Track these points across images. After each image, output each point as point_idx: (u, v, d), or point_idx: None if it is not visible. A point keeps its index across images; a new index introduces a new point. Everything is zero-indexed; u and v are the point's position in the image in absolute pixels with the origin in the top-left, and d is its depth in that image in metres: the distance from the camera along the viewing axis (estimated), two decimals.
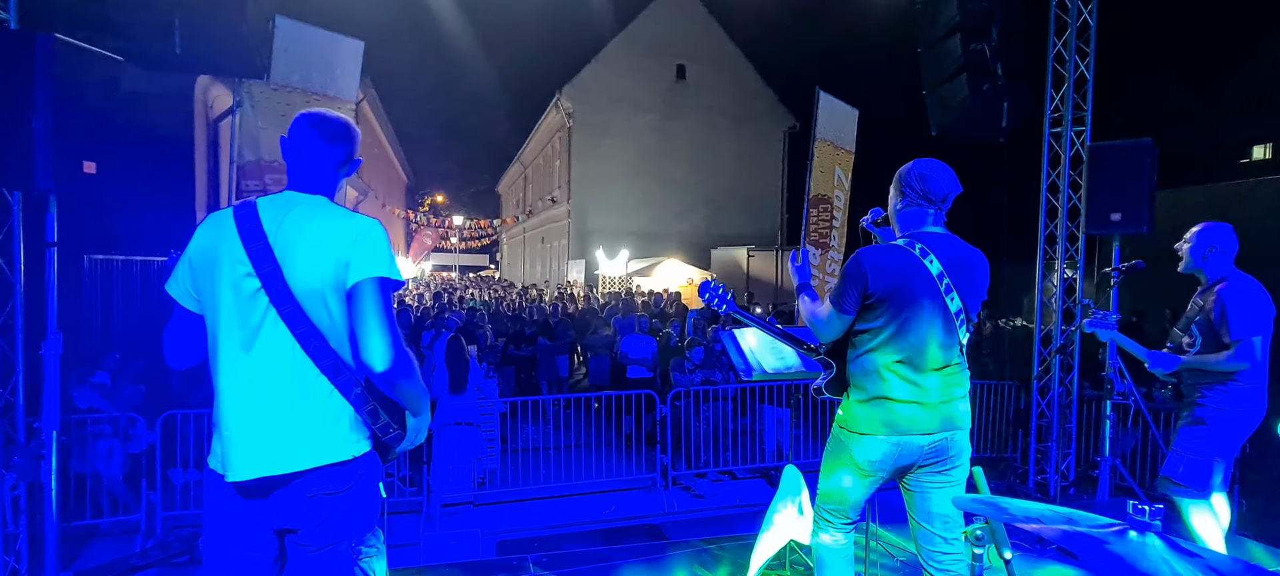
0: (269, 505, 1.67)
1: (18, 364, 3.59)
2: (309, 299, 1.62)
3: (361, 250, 1.63)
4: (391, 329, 1.62)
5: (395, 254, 1.74)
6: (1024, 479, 5.76)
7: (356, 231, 1.66)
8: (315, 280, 1.62)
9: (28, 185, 3.18)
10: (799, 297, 2.57)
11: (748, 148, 22.96)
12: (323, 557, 1.68)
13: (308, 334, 1.62)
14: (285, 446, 1.63)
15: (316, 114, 1.78)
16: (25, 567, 3.65)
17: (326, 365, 1.63)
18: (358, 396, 1.66)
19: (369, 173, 22.74)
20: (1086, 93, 5.42)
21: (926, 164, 2.37)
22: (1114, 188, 4.98)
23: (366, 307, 1.61)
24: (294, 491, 1.65)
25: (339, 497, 1.68)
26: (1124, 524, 1.05)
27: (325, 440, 1.65)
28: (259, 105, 4.56)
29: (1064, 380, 5.51)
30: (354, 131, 1.83)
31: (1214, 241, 3.05)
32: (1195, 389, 3.09)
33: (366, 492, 1.73)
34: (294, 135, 1.76)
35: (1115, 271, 3.97)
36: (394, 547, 4.81)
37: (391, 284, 1.65)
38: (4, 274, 3.57)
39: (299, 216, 1.67)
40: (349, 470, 1.68)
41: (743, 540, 3.92)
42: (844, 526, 2.46)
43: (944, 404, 2.27)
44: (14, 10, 3.51)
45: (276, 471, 1.63)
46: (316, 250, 1.63)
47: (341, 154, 1.79)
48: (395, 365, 1.61)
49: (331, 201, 1.77)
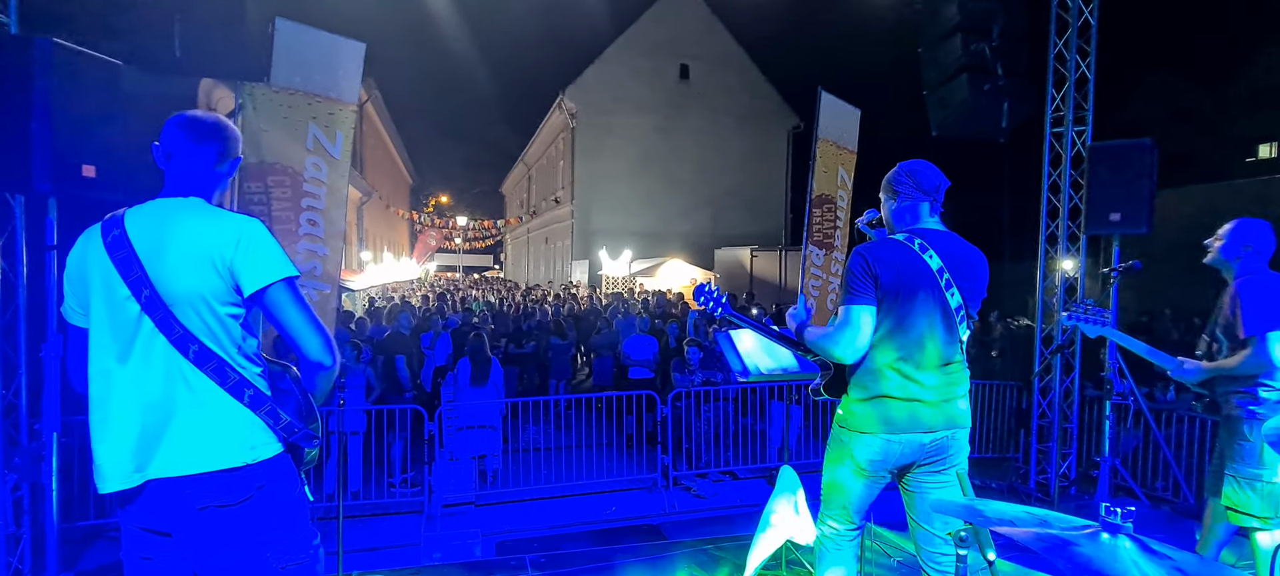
0: (163, 523, 1.60)
1: (20, 366, 3.63)
2: (184, 305, 1.58)
3: (250, 256, 1.61)
4: (316, 324, 1.65)
5: (403, 254, 1.74)
6: (1025, 479, 5.75)
7: (236, 235, 1.62)
8: (190, 285, 1.58)
9: (28, 188, 3.21)
10: (803, 334, 2.49)
11: (751, 147, 22.94)
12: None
13: (184, 339, 1.57)
14: (162, 451, 1.57)
15: (185, 115, 1.74)
16: (28, 568, 3.68)
17: (210, 369, 1.58)
18: (252, 398, 1.61)
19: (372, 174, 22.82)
20: (1088, 92, 5.40)
21: (912, 162, 2.38)
22: (1114, 187, 4.96)
23: (287, 312, 1.62)
24: (180, 501, 1.58)
25: (236, 510, 1.60)
26: (1096, 526, 1.05)
27: (208, 445, 1.58)
28: (261, 107, 4.59)
29: (1064, 380, 5.50)
30: (226, 128, 1.77)
31: (1250, 239, 2.77)
32: (1227, 399, 2.78)
33: (273, 502, 1.64)
34: (164, 139, 1.71)
35: (1114, 271, 3.95)
36: (394, 548, 4.86)
37: (294, 280, 1.67)
38: (6, 277, 3.60)
39: (168, 222, 1.63)
40: (244, 477, 1.60)
41: (742, 540, 3.92)
42: (847, 528, 2.44)
43: (945, 402, 2.26)
44: (14, 14, 3.54)
45: (151, 476, 1.57)
46: (189, 254, 1.59)
47: (213, 152, 1.73)
48: (335, 359, 1.65)
49: (208, 203, 1.72)
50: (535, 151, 30.47)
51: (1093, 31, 5.33)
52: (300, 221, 4.70)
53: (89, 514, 4.60)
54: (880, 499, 2.43)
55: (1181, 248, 5.27)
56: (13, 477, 3.60)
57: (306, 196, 4.71)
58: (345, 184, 4.97)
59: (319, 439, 1.74)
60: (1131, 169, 4.90)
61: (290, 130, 4.66)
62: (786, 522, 3.24)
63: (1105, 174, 5.04)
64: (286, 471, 1.68)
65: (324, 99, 4.78)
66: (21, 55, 3.08)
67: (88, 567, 4.26)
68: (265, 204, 4.61)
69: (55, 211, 3.48)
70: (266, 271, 1.61)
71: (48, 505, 3.38)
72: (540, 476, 6.00)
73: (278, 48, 4.53)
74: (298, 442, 1.69)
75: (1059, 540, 1.00)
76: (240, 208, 4.54)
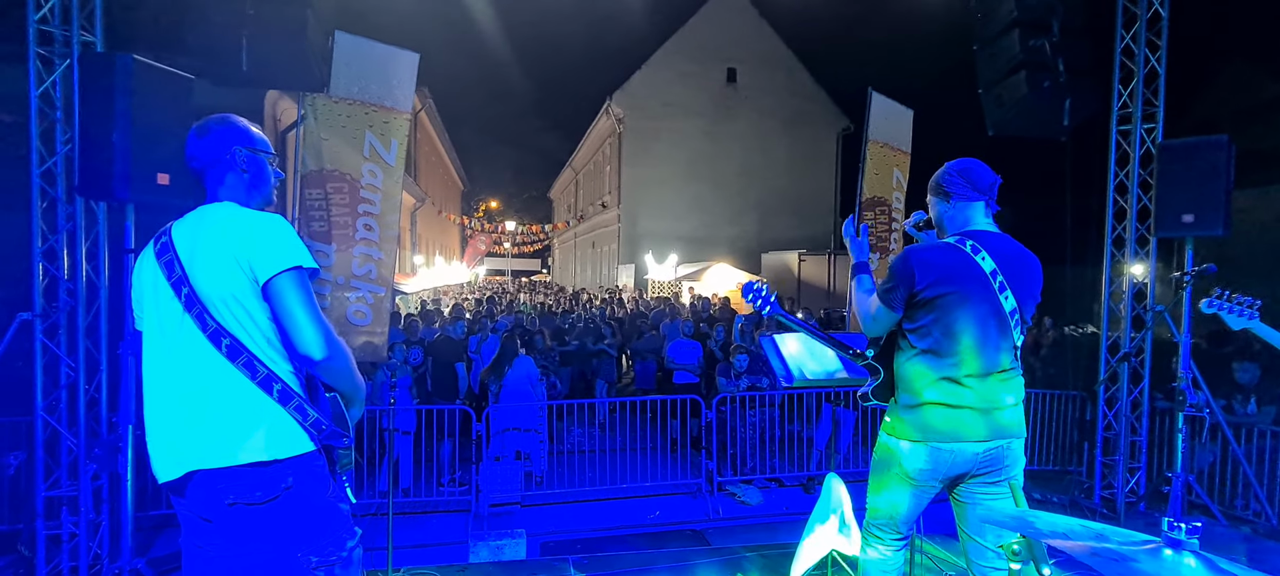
0: (206, 512, 1.66)
1: (101, 362, 3.88)
2: (217, 301, 1.64)
3: (260, 247, 1.64)
4: (317, 318, 1.64)
5: (453, 259, 1.76)
6: (1089, 494, 5.47)
7: (252, 230, 1.66)
8: (219, 282, 1.64)
9: (110, 196, 3.44)
10: (852, 279, 2.47)
11: (800, 150, 22.61)
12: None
13: (217, 334, 1.63)
14: (197, 443, 1.63)
15: (196, 124, 1.81)
16: (107, 553, 3.93)
17: (241, 363, 1.63)
18: (281, 392, 1.64)
19: (425, 180, 23.47)
20: (1157, 88, 5.12)
21: (963, 161, 2.31)
22: (1186, 187, 4.68)
23: (284, 301, 1.63)
24: (213, 494, 1.63)
25: (264, 509, 1.63)
26: (1159, 541, 0.99)
27: (236, 439, 1.62)
28: (321, 117, 4.78)
29: (1133, 390, 5.21)
30: (230, 125, 1.80)
31: None
32: None
33: (303, 501, 1.66)
34: (186, 153, 1.79)
35: (1187, 276, 3.72)
36: (441, 546, 4.97)
37: (305, 272, 1.65)
38: (91, 279, 3.86)
39: (201, 225, 1.71)
40: (272, 473, 1.63)
41: (786, 548, 3.86)
42: (893, 541, 2.36)
43: (997, 410, 2.18)
44: (100, 34, 3.80)
45: (189, 468, 1.63)
46: (216, 253, 1.65)
47: (227, 151, 1.77)
48: (328, 353, 1.63)
49: (242, 205, 1.78)
50: (583, 156, 30.79)
51: (1163, 23, 5.05)
52: (357, 226, 4.87)
53: (160, 503, 4.86)
54: (927, 510, 2.35)
55: (1262, 252, 4.94)
56: (93, 467, 3.86)
57: (363, 202, 4.89)
58: (399, 190, 5.13)
59: (350, 439, 1.74)
60: (1205, 168, 4.61)
61: (348, 138, 4.84)
62: (832, 532, 3.17)
63: (1177, 173, 4.76)
64: (317, 471, 1.70)
65: (380, 108, 4.95)
66: (105, 71, 3.31)
67: (159, 554, 4.50)
68: (324, 209, 4.80)
69: (133, 217, 3.71)
70: (276, 261, 1.63)
71: (124, 494, 3.59)
72: (584, 478, 6.05)
73: (336, 59, 4.72)
74: (329, 442, 1.70)
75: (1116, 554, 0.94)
76: (300, 213, 4.74)
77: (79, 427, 3.83)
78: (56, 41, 3.69)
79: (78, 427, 3.83)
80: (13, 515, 4.58)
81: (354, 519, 1.83)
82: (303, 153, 4.78)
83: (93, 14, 3.77)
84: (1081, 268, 6.17)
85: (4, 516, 4.63)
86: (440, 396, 6.64)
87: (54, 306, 3.78)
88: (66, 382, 3.80)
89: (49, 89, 3.71)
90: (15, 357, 3.73)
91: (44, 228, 3.74)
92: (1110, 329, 5.37)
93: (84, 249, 3.81)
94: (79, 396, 3.81)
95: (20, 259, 3.74)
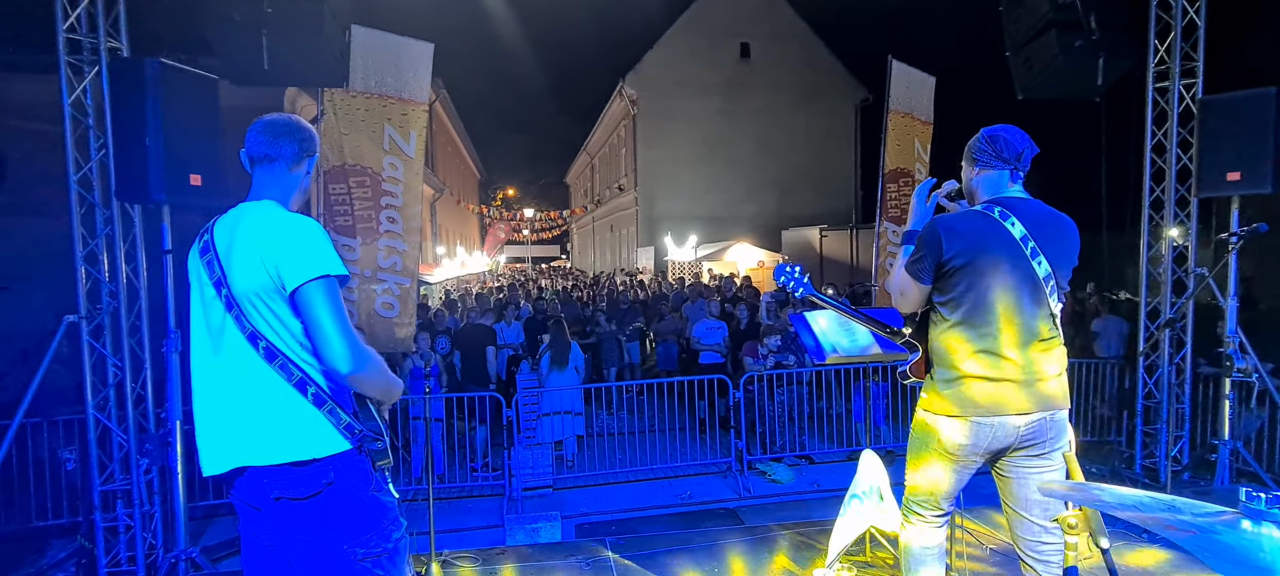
0: (250, 501, 1.71)
1: (144, 360, 3.98)
2: (249, 303, 1.65)
3: (287, 254, 1.62)
4: (344, 329, 1.61)
5: (474, 248, 1.74)
6: (1130, 463, 5.37)
7: (282, 234, 1.64)
8: (250, 284, 1.64)
9: (145, 198, 3.50)
10: (902, 247, 2.37)
11: (817, 124, 22.25)
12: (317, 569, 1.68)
13: (254, 336, 1.65)
14: (241, 441, 1.66)
15: (264, 119, 1.79)
16: (160, 542, 4.06)
17: (277, 365, 1.65)
18: (315, 395, 1.65)
19: (443, 171, 23.58)
20: (1197, 41, 4.92)
21: (994, 128, 2.24)
22: (1231, 144, 4.51)
23: (312, 311, 1.60)
24: (260, 489, 1.67)
25: (307, 504, 1.66)
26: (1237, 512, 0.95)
27: (277, 438, 1.65)
28: (341, 112, 4.81)
29: (1176, 357, 5.08)
30: (300, 128, 1.80)
31: None
32: None
33: (345, 497, 1.68)
34: (247, 144, 1.78)
35: (1235, 236, 3.59)
36: (478, 530, 5.05)
37: (334, 280, 1.63)
38: (130, 281, 3.95)
39: (239, 224, 1.71)
40: (313, 471, 1.65)
41: (821, 525, 3.85)
42: (934, 517, 2.33)
43: (1038, 381, 2.11)
44: (126, 39, 3.85)
45: (234, 464, 1.67)
46: (247, 254, 1.65)
47: (289, 152, 1.77)
48: (355, 365, 1.61)
49: (282, 205, 1.77)
50: (598, 140, 30.67)
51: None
52: (381, 219, 4.91)
53: (210, 494, 5.00)
54: (967, 484, 2.31)
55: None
56: (144, 461, 3.97)
57: (385, 195, 4.92)
58: (420, 181, 5.15)
59: (383, 439, 1.75)
60: (1252, 122, 4.43)
61: (368, 132, 4.87)
62: (870, 508, 3.15)
63: (1220, 129, 4.58)
64: (358, 468, 1.71)
65: (397, 100, 4.96)
66: (134, 76, 3.35)
67: (211, 543, 4.64)
68: (348, 204, 4.84)
69: (168, 218, 3.78)
70: (304, 269, 1.61)
71: (175, 486, 3.70)
72: (615, 460, 6.09)
73: (354, 53, 4.73)
74: (362, 440, 1.71)
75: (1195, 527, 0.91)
76: (325, 209, 4.78)
77: (128, 423, 3.95)
78: (84, 49, 3.74)
79: (127, 423, 3.95)
80: (72, 508, 4.76)
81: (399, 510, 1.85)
82: (324, 148, 4.81)
83: (118, 20, 3.82)
84: (1118, 232, 6.00)
85: (64, 509, 4.82)
86: (472, 383, 6.71)
87: (97, 308, 3.87)
88: (114, 381, 3.91)
89: (80, 96, 3.78)
90: (63, 358, 3.84)
91: (83, 232, 3.82)
92: (1150, 294, 5.23)
93: (123, 251, 3.90)
94: (126, 393, 3.93)
95: (63, 264, 3.83)
